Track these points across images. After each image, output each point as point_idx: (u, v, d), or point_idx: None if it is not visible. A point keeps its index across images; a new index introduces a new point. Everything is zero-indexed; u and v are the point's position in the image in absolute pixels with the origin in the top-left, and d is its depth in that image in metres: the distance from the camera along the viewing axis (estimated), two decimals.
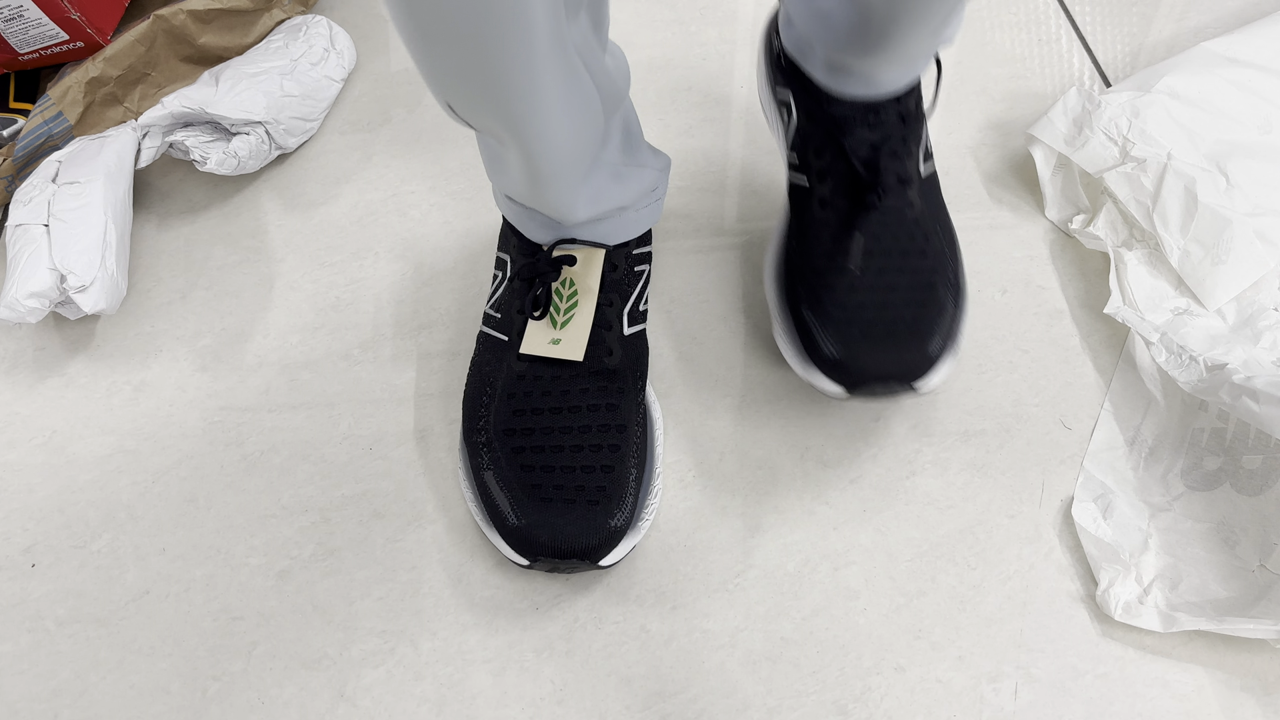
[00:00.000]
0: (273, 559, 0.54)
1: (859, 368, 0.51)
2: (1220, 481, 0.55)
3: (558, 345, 0.53)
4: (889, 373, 0.50)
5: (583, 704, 0.49)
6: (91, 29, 0.68)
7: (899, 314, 0.51)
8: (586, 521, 0.49)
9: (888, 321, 0.51)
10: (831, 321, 0.52)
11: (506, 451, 0.51)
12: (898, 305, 0.52)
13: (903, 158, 0.54)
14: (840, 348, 0.51)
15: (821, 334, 0.52)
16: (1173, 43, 0.80)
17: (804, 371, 0.54)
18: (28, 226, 0.61)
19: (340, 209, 0.70)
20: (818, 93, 0.55)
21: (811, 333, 0.52)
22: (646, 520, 0.52)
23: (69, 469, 0.57)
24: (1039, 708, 0.48)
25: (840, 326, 0.51)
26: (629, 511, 0.50)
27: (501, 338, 0.55)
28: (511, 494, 0.50)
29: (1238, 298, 0.60)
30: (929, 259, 0.54)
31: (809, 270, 0.54)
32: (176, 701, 0.49)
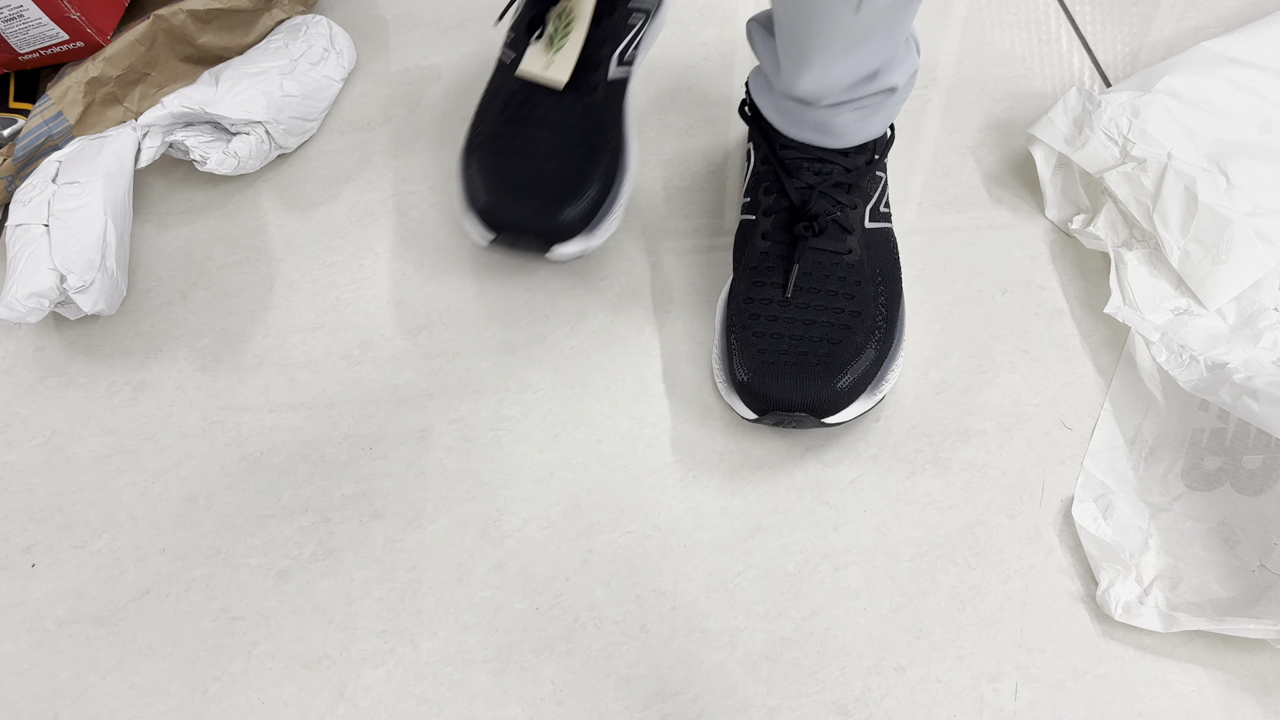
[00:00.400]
0: (273, 559, 0.54)
1: (764, 393, 0.53)
2: (1220, 481, 0.55)
3: (550, 70, 0.61)
4: (791, 402, 0.53)
5: (583, 704, 0.49)
6: (91, 29, 0.68)
7: (812, 349, 0.54)
8: (544, 206, 0.59)
9: (799, 354, 0.54)
10: (749, 347, 0.55)
11: (490, 151, 0.60)
12: (813, 340, 0.54)
13: (844, 206, 0.57)
14: (750, 373, 0.54)
15: (739, 357, 0.55)
16: (1173, 42, 0.80)
17: (724, 393, 0.57)
18: (28, 226, 0.61)
19: (340, 209, 0.70)
20: (774, 136, 0.59)
21: (730, 355, 0.56)
22: (602, 234, 0.61)
23: (69, 469, 0.57)
24: (1039, 708, 0.48)
25: (754, 353, 0.54)
26: (584, 211, 0.59)
27: (511, 56, 0.63)
28: (486, 180, 0.59)
29: (1238, 298, 0.60)
30: (856, 302, 0.56)
31: (742, 298, 0.57)
32: (176, 701, 0.49)
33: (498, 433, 0.58)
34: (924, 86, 0.77)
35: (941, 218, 0.69)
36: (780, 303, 0.55)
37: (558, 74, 0.60)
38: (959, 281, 0.65)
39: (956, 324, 0.63)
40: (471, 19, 0.84)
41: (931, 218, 0.69)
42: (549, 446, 0.58)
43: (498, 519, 0.55)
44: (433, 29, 0.83)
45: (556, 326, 0.63)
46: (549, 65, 0.61)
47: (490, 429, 0.58)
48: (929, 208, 0.69)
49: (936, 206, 0.69)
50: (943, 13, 0.83)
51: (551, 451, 0.58)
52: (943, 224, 0.68)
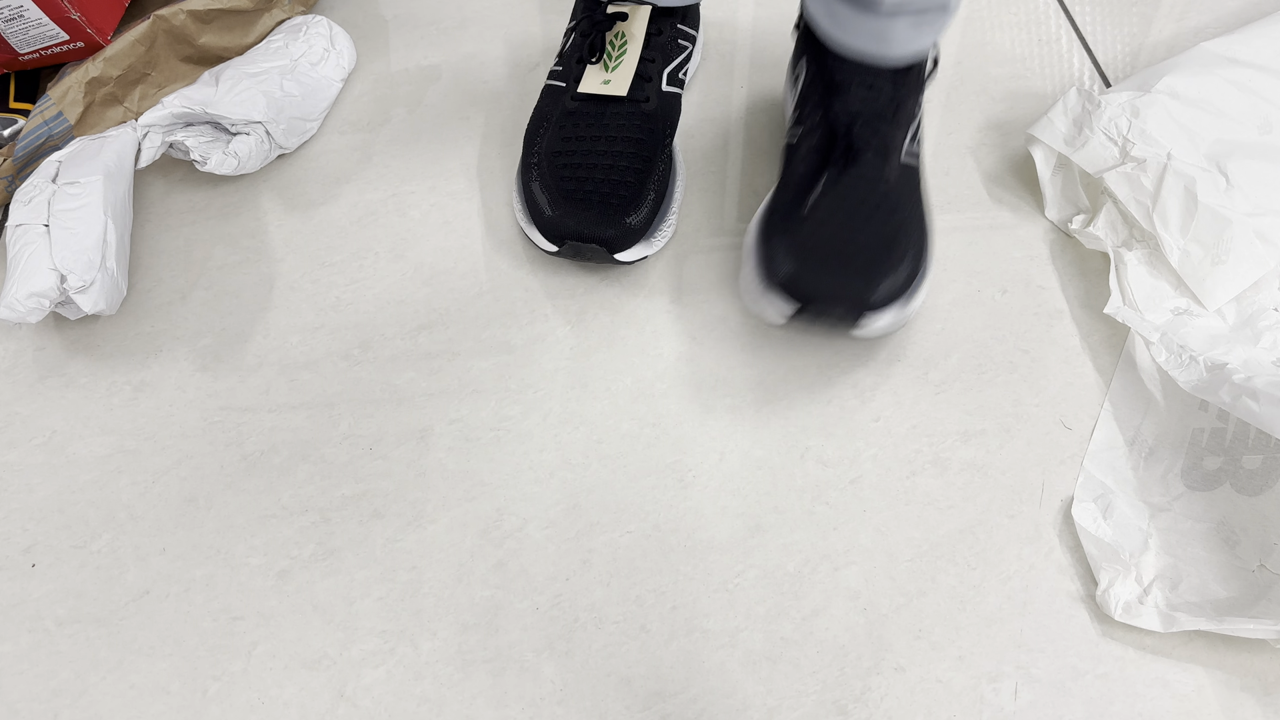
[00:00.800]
0: (273, 559, 0.54)
1: (808, 285, 0.55)
2: (1220, 481, 0.55)
3: (607, 85, 0.65)
4: (836, 294, 0.55)
5: (583, 704, 0.49)
6: (92, 29, 0.68)
7: (858, 251, 0.56)
8: (606, 216, 0.61)
9: (846, 254, 0.56)
10: (795, 245, 0.57)
11: (552, 167, 0.63)
12: (858, 245, 0.56)
13: (886, 130, 0.59)
14: (796, 265, 0.56)
15: (783, 255, 0.57)
16: (1173, 43, 0.80)
17: (758, 295, 0.58)
18: (28, 226, 0.61)
19: (340, 209, 0.70)
20: (825, 55, 0.61)
21: (773, 256, 0.57)
22: (660, 240, 0.64)
23: (69, 469, 0.57)
24: (1039, 708, 0.48)
25: (801, 250, 0.56)
26: (644, 219, 0.62)
27: (560, 85, 0.67)
28: (549, 195, 0.62)
29: (1238, 298, 0.60)
30: (894, 223, 0.57)
31: (784, 210, 0.59)
32: (176, 701, 0.49)
33: (498, 433, 0.58)
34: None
35: (941, 218, 0.69)
36: (826, 212, 0.57)
37: (617, 87, 0.65)
38: (959, 281, 0.65)
39: (956, 324, 0.63)
40: (471, 19, 0.84)
41: (931, 218, 0.69)
42: (549, 446, 0.58)
43: (498, 519, 0.55)
44: (433, 29, 0.83)
45: (557, 326, 0.63)
46: (608, 82, 0.65)
47: (490, 429, 0.59)
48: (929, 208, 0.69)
49: (936, 206, 0.69)
50: None
51: (551, 451, 0.58)
52: (942, 224, 0.68)
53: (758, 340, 0.63)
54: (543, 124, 0.66)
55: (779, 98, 0.76)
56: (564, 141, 0.64)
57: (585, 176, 0.62)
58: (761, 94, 0.77)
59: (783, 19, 0.83)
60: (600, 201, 0.61)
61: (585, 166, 0.62)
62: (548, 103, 0.67)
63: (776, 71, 0.79)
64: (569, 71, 0.67)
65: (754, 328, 0.63)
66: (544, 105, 0.67)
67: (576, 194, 0.61)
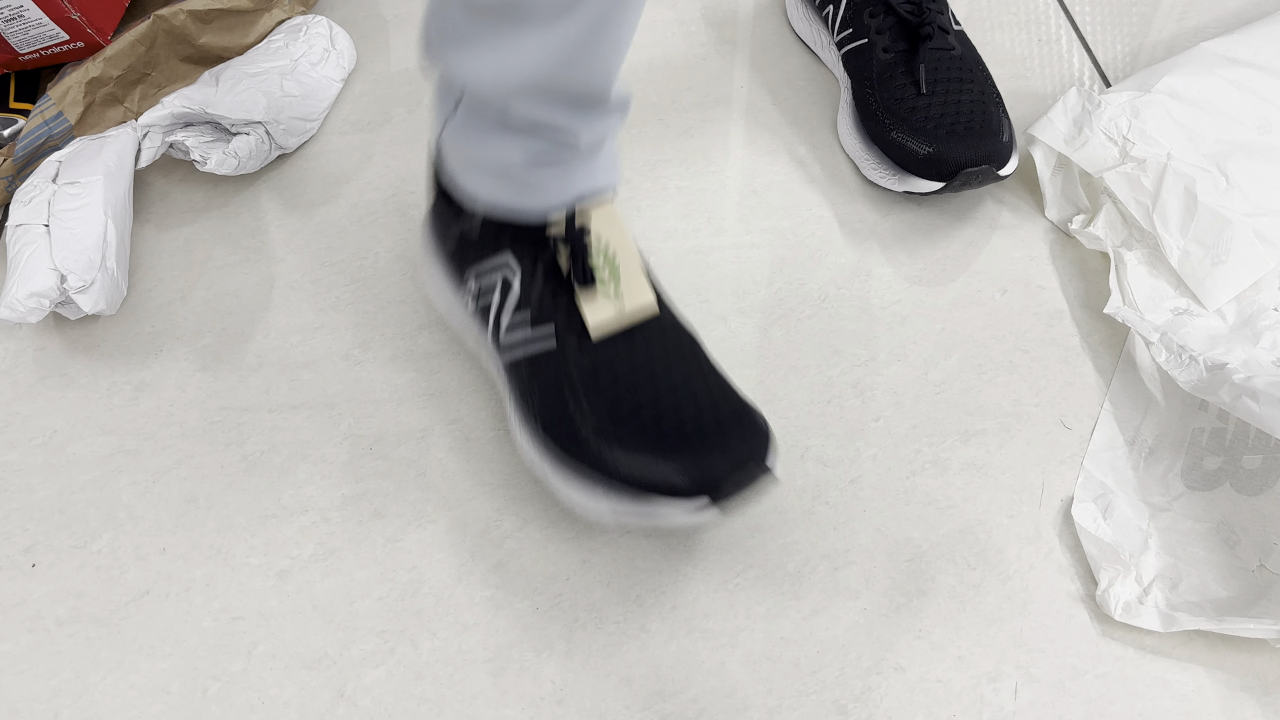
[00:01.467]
0: (273, 559, 0.54)
1: (952, 157, 0.63)
2: (1220, 481, 0.55)
3: (623, 302, 0.49)
4: (977, 158, 0.63)
5: (583, 704, 0.49)
6: (92, 29, 0.68)
7: (971, 119, 0.65)
8: (740, 434, 0.47)
9: (965, 124, 0.64)
10: (920, 131, 0.65)
11: (623, 423, 0.47)
12: (967, 115, 0.65)
13: (940, 10, 0.69)
14: (934, 145, 0.64)
15: (915, 141, 0.64)
16: (1173, 43, 0.80)
17: (900, 183, 0.66)
18: (28, 226, 0.61)
19: (340, 209, 0.70)
20: None
21: (904, 145, 0.65)
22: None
23: (69, 469, 0.58)
24: (1039, 708, 0.48)
25: (928, 132, 0.64)
26: (758, 412, 0.49)
27: (547, 346, 0.50)
28: (653, 450, 0.46)
29: (1238, 298, 0.60)
30: (978, 85, 0.67)
31: (888, 105, 0.67)
32: (176, 701, 0.49)
33: (498, 433, 0.58)
34: None
35: (942, 217, 0.69)
36: (928, 93, 0.66)
37: (642, 299, 0.50)
38: (959, 281, 0.65)
39: (956, 324, 0.63)
40: None
41: (932, 217, 0.69)
42: None
43: (498, 519, 0.55)
44: None
45: None
46: (624, 303, 0.49)
47: (490, 429, 0.59)
48: (929, 207, 0.69)
49: (937, 207, 0.69)
50: None
51: None
52: (943, 224, 0.68)
53: (758, 340, 0.63)
54: (565, 405, 0.49)
55: (779, 99, 0.76)
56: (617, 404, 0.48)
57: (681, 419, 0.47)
58: (762, 94, 0.77)
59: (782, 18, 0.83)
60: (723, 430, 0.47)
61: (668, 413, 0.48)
62: (538, 382, 0.50)
63: (777, 71, 0.79)
64: (545, 319, 0.50)
65: (754, 328, 0.63)
66: (534, 389, 0.50)
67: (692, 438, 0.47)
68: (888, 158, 0.67)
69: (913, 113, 0.65)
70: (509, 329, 0.51)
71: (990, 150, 0.63)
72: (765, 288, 0.65)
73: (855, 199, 0.70)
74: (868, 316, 0.64)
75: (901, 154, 0.65)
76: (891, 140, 0.66)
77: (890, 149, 0.66)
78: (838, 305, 0.64)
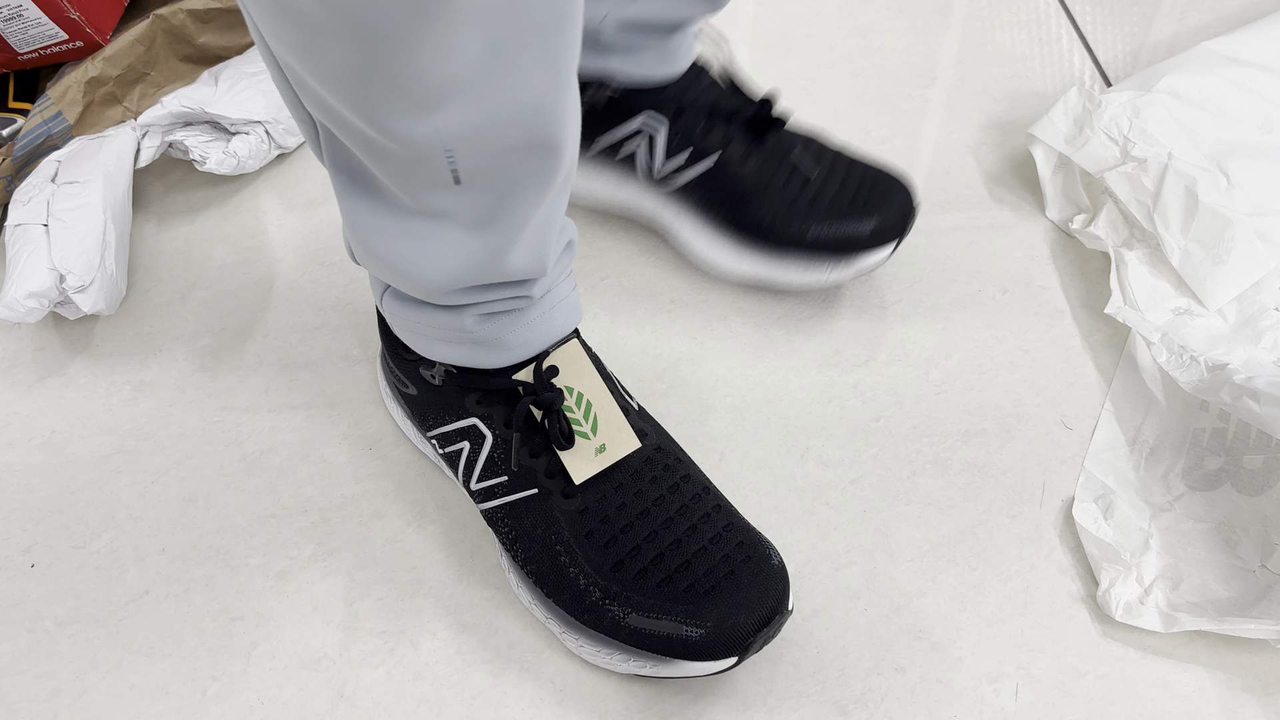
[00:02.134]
0: (272, 559, 0.54)
1: (897, 210, 0.60)
2: (1221, 482, 0.55)
3: (606, 452, 0.48)
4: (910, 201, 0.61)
5: (583, 704, 0.49)
6: (91, 28, 0.68)
7: (873, 172, 0.62)
8: (758, 582, 0.45)
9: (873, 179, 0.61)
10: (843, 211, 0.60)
11: (632, 584, 0.46)
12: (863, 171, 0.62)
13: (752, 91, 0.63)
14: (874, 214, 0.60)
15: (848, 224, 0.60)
16: (1173, 42, 0.80)
17: (850, 267, 0.61)
18: (27, 226, 0.61)
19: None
20: (657, 92, 0.61)
21: (838, 233, 0.60)
22: None
23: (68, 469, 0.57)
24: (1040, 708, 0.48)
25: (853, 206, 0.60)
26: (768, 544, 0.48)
27: (528, 493, 0.48)
28: (672, 614, 0.44)
29: (1239, 298, 0.60)
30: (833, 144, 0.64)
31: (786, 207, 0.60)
32: (176, 702, 0.49)
33: None
34: (924, 86, 0.77)
35: (942, 217, 0.69)
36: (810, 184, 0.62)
37: (626, 445, 0.48)
38: (959, 281, 0.65)
39: (957, 324, 0.63)
40: None
41: (932, 217, 0.69)
42: None
43: None
44: None
45: None
46: (602, 449, 0.48)
47: None
48: (929, 207, 0.69)
49: (937, 206, 0.69)
50: (943, 12, 0.83)
51: None
52: (943, 224, 0.68)
53: (758, 340, 0.62)
54: (554, 551, 0.47)
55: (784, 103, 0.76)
56: (611, 548, 0.47)
57: (685, 562, 0.46)
58: None
59: (783, 18, 0.83)
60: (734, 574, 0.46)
61: (668, 554, 0.46)
62: (525, 527, 0.48)
63: (778, 71, 0.79)
64: (528, 474, 0.48)
65: (754, 328, 0.63)
66: (520, 536, 0.48)
67: (698, 588, 0.45)
68: (820, 254, 0.60)
69: (819, 200, 0.60)
70: (482, 480, 0.49)
71: (910, 190, 0.61)
72: (766, 287, 0.65)
73: None
74: (868, 316, 0.64)
75: (838, 243, 0.59)
76: (816, 238, 0.59)
77: (820, 246, 0.60)
78: (838, 305, 0.64)
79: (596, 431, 0.48)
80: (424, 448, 0.56)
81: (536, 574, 0.48)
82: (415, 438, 0.56)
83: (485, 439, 0.49)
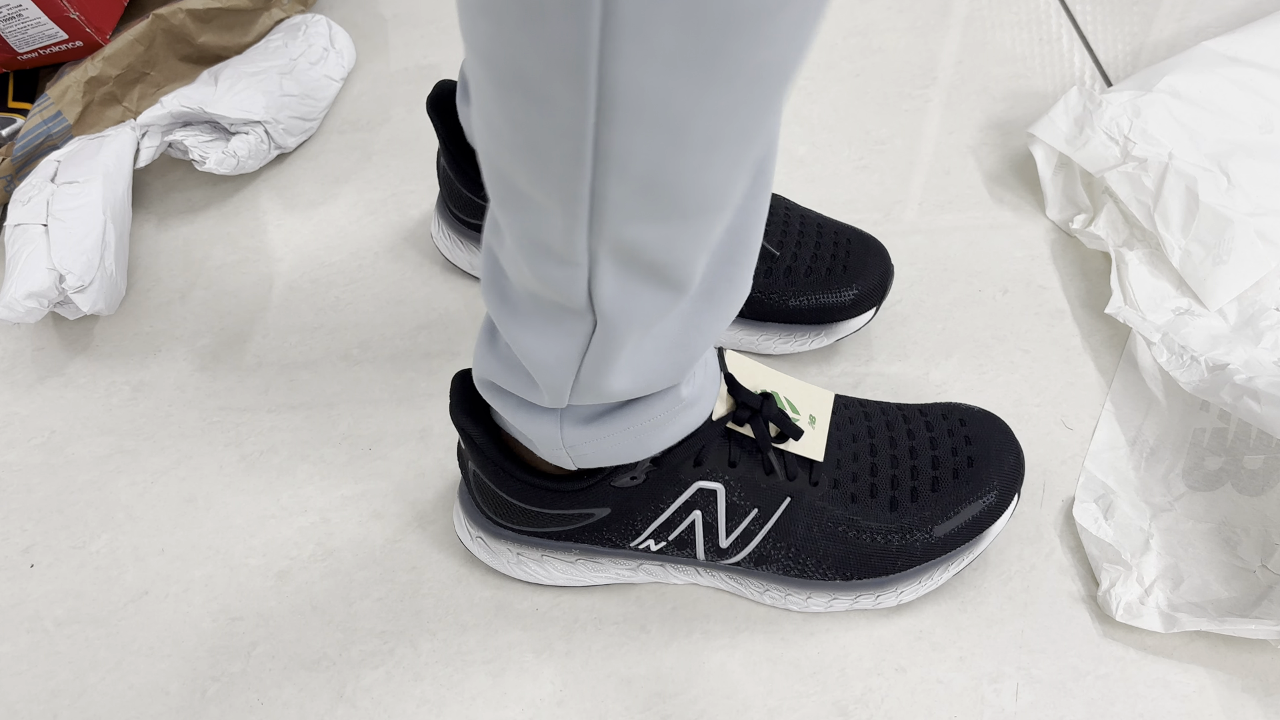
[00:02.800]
0: (272, 559, 0.54)
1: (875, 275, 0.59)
2: (1222, 482, 0.54)
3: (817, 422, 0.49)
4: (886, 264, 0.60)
5: (583, 705, 0.49)
6: (90, 28, 0.68)
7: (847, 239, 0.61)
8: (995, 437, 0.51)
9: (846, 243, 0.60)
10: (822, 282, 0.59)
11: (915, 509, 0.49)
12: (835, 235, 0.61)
13: None
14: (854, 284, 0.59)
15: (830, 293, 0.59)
16: (1174, 42, 0.80)
17: (830, 335, 0.60)
18: (26, 226, 0.61)
19: (340, 209, 0.70)
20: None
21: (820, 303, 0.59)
22: None
23: (68, 469, 0.57)
24: (1040, 708, 0.48)
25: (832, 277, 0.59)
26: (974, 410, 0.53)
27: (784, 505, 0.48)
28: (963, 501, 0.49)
29: (1239, 298, 0.60)
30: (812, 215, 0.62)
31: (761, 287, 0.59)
32: (175, 702, 0.49)
33: None
34: (924, 86, 0.77)
35: (942, 217, 0.69)
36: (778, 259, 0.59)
37: (824, 403, 0.50)
38: (960, 281, 0.65)
39: (957, 324, 0.63)
40: None
41: (932, 217, 0.69)
42: None
43: None
44: (433, 28, 0.83)
45: None
46: (815, 421, 0.50)
47: None
48: (930, 207, 0.69)
49: (937, 206, 0.69)
50: (943, 12, 0.83)
51: None
52: (943, 223, 0.68)
53: None
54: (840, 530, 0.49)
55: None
56: None
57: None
58: None
59: None
60: None
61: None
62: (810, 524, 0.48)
63: None
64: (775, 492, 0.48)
65: None
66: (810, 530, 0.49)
67: None
68: (804, 325, 0.59)
69: (793, 272, 0.58)
70: (731, 530, 0.48)
71: (884, 252, 0.60)
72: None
73: (855, 199, 0.70)
74: None
75: (820, 313, 0.58)
76: (797, 309, 0.58)
77: (802, 315, 0.58)
78: None
79: (798, 409, 0.49)
80: (614, 571, 0.51)
81: (833, 568, 0.49)
82: (591, 572, 0.51)
83: (717, 492, 0.47)
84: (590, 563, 0.51)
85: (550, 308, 0.34)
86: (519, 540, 0.50)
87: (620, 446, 0.43)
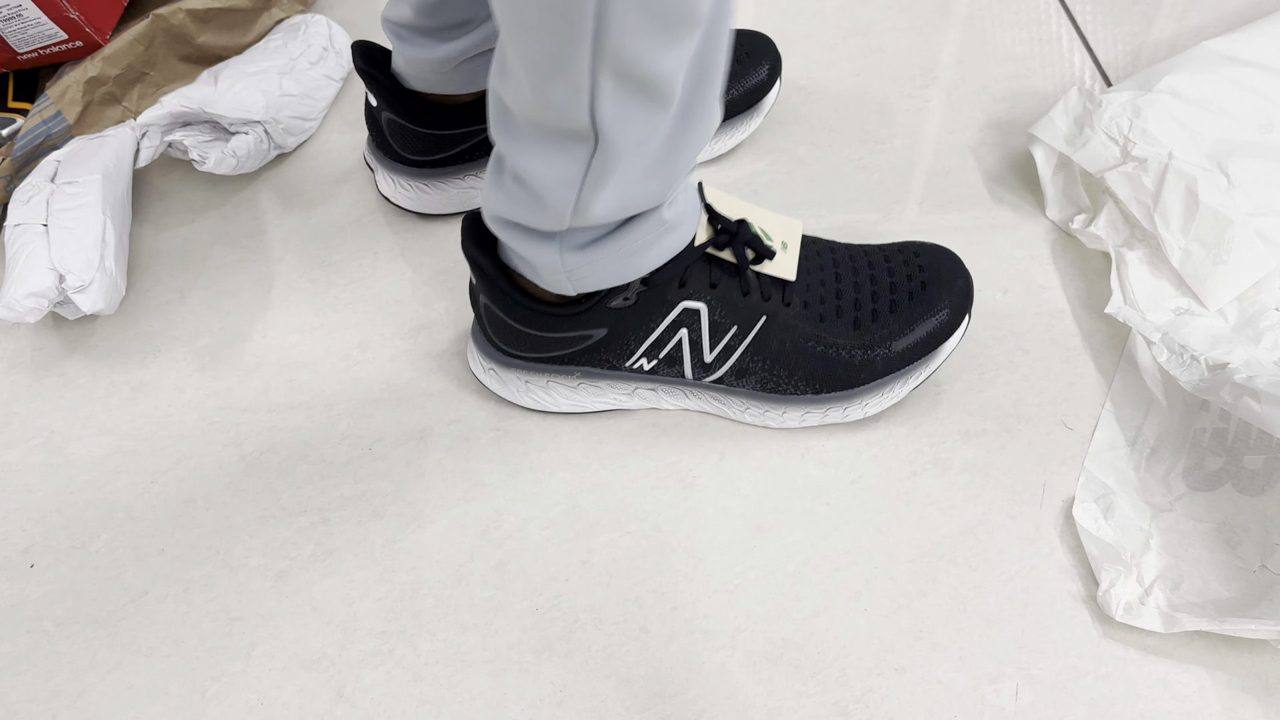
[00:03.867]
0: (271, 559, 0.54)
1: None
2: (1222, 482, 0.54)
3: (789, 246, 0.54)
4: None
5: (583, 705, 0.49)
6: (90, 28, 0.68)
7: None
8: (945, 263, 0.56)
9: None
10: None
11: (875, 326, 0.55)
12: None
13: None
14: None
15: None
16: (1174, 42, 0.80)
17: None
18: (26, 226, 0.60)
19: (339, 208, 0.70)
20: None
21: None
22: None
23: (67, 469, 0.57)
24: (1040, 709, 0.48)
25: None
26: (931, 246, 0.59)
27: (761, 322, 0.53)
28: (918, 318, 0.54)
29: (1239, 297, 0.60)
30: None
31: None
32: (175, 702, 0.49)
33: (497, 433, 0.58)
34: (924, 86, 0.77)
35: (942, 217, 0.69)
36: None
37: (794, 231, 0.55)
38: None
39: None
40: None
41: (932, 217, 0.69)
42: (549, 446, 0.58)
43: (497, 519, 0.55)
44: None
45: None
46: (787, 246, 0.54)
47: (490, 429, 0.58)
48: (930, 207, 0.69)
49: (937, 206, 0.69)
50: (943, 12, 0.83)
51: (551, 452, 0.57)
52: (943, 223, 0.68)
53: None
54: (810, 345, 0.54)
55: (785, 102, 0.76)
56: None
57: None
58: None
59: (783, 18, 0.83)
60: None
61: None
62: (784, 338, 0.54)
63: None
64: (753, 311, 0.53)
65: None
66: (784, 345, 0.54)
67: None
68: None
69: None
70: (714, 345, 0.54)
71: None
72: None
73: (855, 199, 0.70)
74: None
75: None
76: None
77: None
78: None
79: (771, 235, 0.54)
80: (612, 396, 0.57)
81: (804, 380, 0.55)
82: (591, 397, 0.57)
83: (700, 311, 0.53)
84: (591, 386, 0.57)
85: (555, 134, 0.40)
86: (527, 368, 0.56)
87: (613, 268, 0.49)
